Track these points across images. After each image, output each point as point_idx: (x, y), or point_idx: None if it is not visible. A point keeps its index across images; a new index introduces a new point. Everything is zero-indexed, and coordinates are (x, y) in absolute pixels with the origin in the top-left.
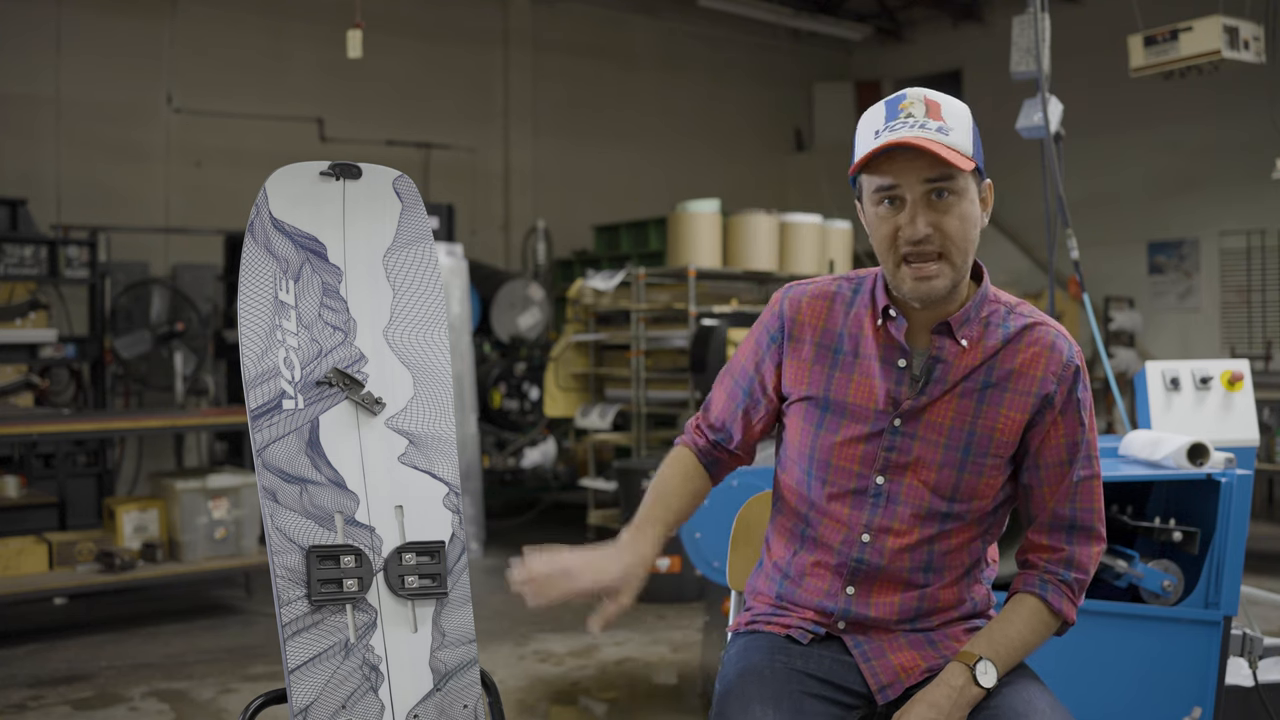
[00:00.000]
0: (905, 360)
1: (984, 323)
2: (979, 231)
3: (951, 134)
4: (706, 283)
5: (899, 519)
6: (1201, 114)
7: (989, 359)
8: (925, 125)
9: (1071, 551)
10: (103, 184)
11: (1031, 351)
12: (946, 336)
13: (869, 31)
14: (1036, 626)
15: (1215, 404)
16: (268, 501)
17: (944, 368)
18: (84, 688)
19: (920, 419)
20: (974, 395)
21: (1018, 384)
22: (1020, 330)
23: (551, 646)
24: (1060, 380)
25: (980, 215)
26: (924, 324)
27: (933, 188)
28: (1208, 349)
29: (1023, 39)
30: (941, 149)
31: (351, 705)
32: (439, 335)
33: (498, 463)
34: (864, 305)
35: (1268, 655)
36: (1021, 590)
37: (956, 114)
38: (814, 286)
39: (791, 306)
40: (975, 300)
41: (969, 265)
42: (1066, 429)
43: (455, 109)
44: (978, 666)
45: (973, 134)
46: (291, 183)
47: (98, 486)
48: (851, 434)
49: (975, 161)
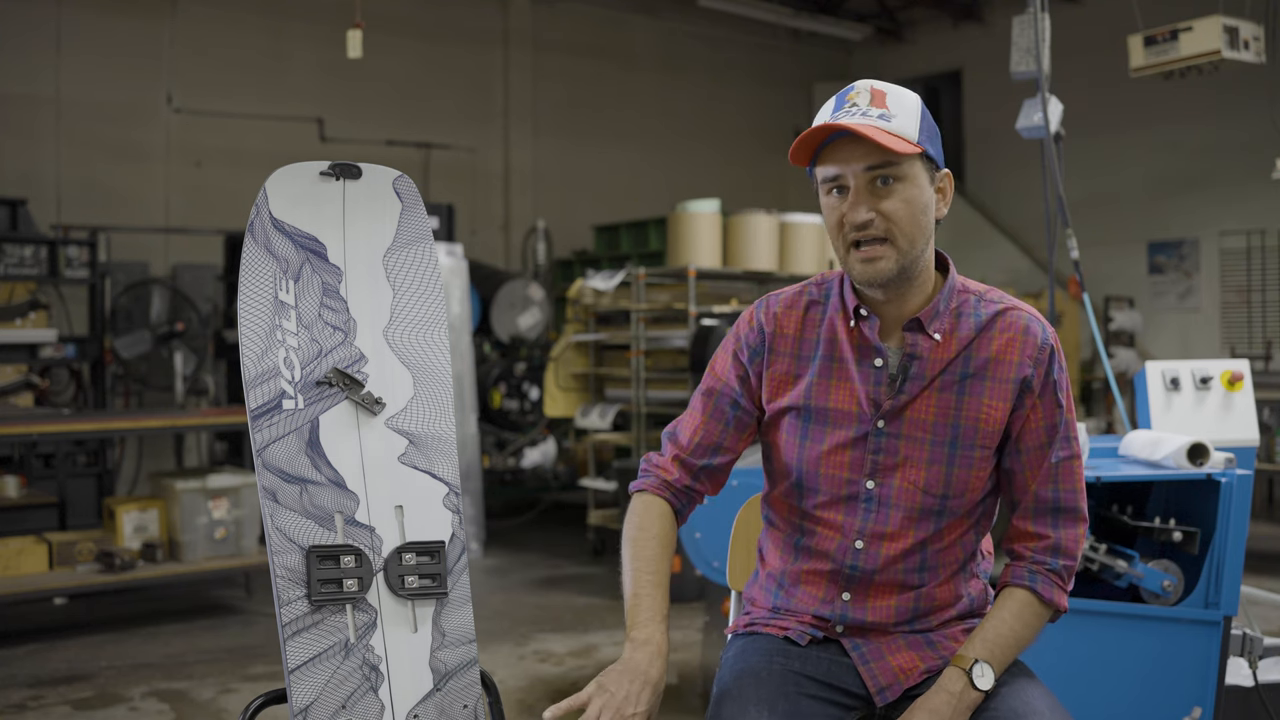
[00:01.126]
0: (882, 360)
1: (955, 314)
2: (932, 218)
3: (894, 120)
4: (706, 283)
5: (891, 523)
6: (1201, 114)
7: (964, 349)
8: (867, 113)
9: (1057, 537)
10: (103, 184)
11: (1005, 337)
12: (918, 332)
13: (869, 31)
14: (1029, 619)
15: (1215, 404)
16: (268, 501)
17: (920, 364)
18: (84, 688)
19: (903, 418)
20: (953, 388)
21: (996, 371)
22: (992, 317)
23: (551, 646)
24: (1037, 363)
25: (933, 202)
26: (896, 322)
27: (875, 174)
28: (1208, 349)
29: (1023, 39)
30: (876, 133)
31: (351, 705)
32: (439, 335)
33: (498, 463)
34: (835, 308)
35: (1268, 655)
36: (1010, 583)
37: (903, 102)
38: (785, 297)
39: (769, 319)
40: (944, 293)
41: (919, 249)
42: (1045, 412)
43: (455, 109)
44: (974, 670)
45: (921, 121)
46: (291, 183)
47: (98, 486)
48: (837, 441)
49: (922, 147)
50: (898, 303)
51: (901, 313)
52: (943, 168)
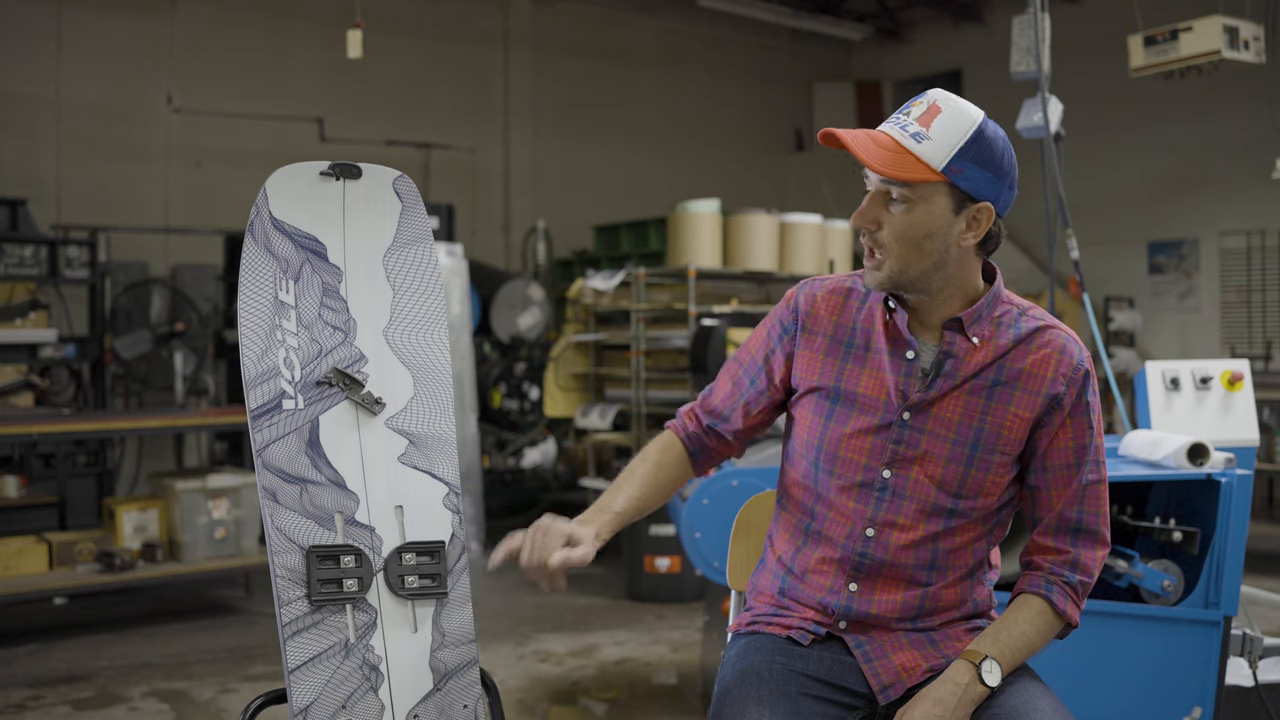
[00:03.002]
0: (913, 352)
1: (996, 322)
2: (945, 245)
3: (926, 142)
4: (706, 283)
5: (904, 514)
6: (1201, 114)
7: (1000, 357)
8: (905, 126)
9: (1077, 554)
10: (103, 184)
11: (1042, 354)
12: (958, 333)
13: (869, 31)
14: (1041, 627)
15: (1215, 404)
16: (268, 501)
17: (954, 363)
18: (84, 688)
19: (929, 413)
20: (983, 392)
21: (1027, 384)
22: (1032, 332)
23: (551, 646)
24: (1070, 383)
25: (949, 230)
26: (931, 319)
27: (888, 186)
28: (1208, 349)
29: (1023, 39)
30: (872, 152)
31: (351, 705)
32: (439, 335)
33: (498, 463)
34: (876, 299)
35: (1268, 655)
36: (1026, 590)
37: (949, 126)
38: (830, 281)
39: (807, 300)
40: (987, 299)
41: (920, 270)
42: (1075, 432)
43: (455, 109)
44: (983, 665)
45: (961, 150)
46: (291, 183)
47: (98, 486)
48: (860, 426)
49: (942, 176)
50: (926, 306)
51: (933, 313)
52: (982, 200)
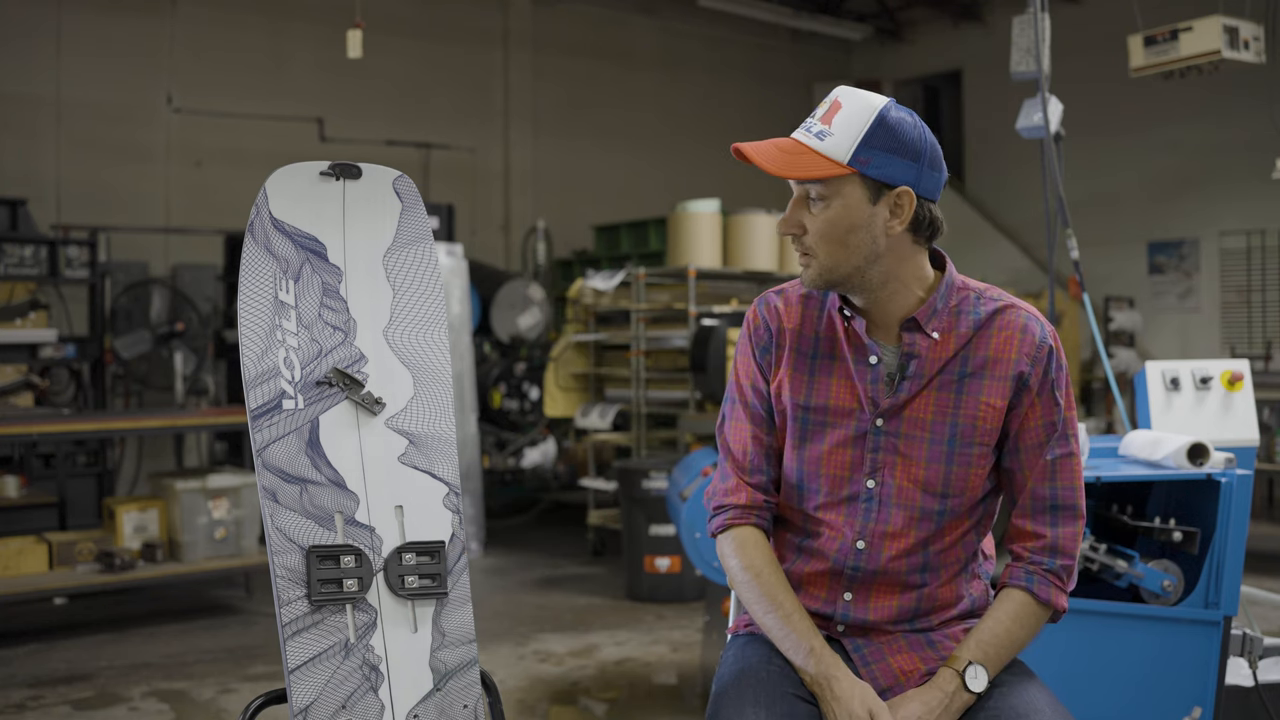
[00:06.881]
0: (875, 358)
1: (954, 312)
2: (871, 236)
3: (828, 139)
4: (706, 283)
5: (893, 522)
6: (1201, 114)
7: (963, 348)
8: (810, 128)
9: (1054, 536)
10: (103, 184)
11: (1003, 336)
12: (916, 332)
13: (869, 31)
14: (1026, 621)
15: (1215, 404)
16: (268, 501)
17: (919, 363)
18: (84, 688)
19: (902, 416)
20: (952, 386)
21: (994, 370)
22: (991, 315)
23: (551, 646)
24: (1034, 361)
25: (871, 220)
26: (887, 320)
27: (805, 189)
28: (1208, 349)
29: (1023, 39)
30: (760, 155)
31: (351, 705)
32: (439, 335)
33: (498, 463)
34: (834, 306)
35: (1268, 655)
36: (1008, 584)
37: (850, 119)
38: (787, 292)
39: (772, 315)
40: (940, 291)
41: (852, 266)
42: (1044, 410)
43: (455, 109)
44: (967, 672)
45: (863, 139)
46: (291, 183)
47: (98, 486)
48: (836, 440)
49: (850, 169)
50: (877, 306)
51: (887, 313)
52: (899, 185)
